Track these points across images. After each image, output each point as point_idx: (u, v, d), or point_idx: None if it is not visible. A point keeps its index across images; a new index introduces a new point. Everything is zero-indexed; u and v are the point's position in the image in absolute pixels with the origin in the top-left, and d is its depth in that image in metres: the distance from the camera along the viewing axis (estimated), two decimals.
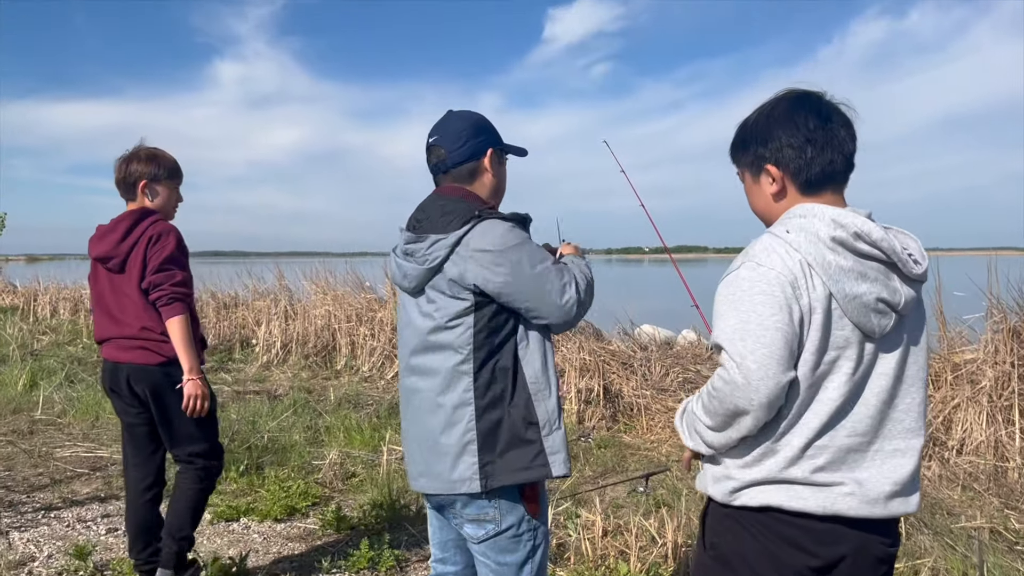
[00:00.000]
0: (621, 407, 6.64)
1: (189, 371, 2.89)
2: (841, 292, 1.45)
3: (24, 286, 16.36)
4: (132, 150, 3.07)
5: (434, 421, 1.97)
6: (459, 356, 1.92)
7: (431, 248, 1.92)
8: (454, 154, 2.04)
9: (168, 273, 2.88)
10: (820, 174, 1.56)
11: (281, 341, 9.69)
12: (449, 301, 1.92)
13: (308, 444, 5.57)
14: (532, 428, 1.93)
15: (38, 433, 5.92)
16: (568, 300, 1.92)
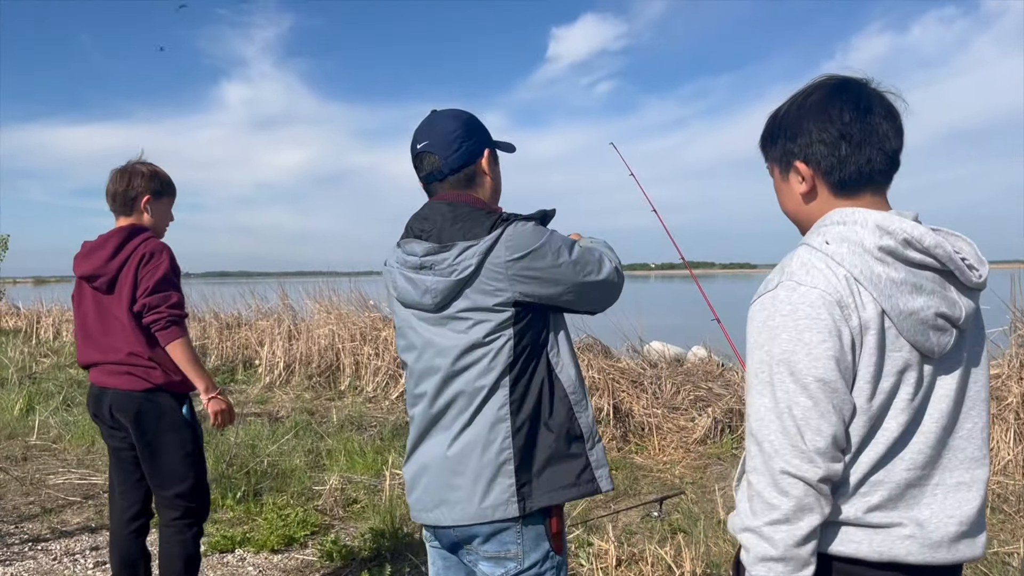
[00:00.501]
0: (632, 427, 6.44)
1: (206, 391, 2.79)
2: (895, 309, 1.26)
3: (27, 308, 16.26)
4: (132, 163, 2.90)
5: (461, 444, 1.80)
6: (495, 371, 1.76)
7: (460, 257, 1.75)
8: (449, 160, 1.88)
9: (164, 295, 2.71)
10: (856, 174, 1.36)
11: (284, 362, 9.53)
12: (485, 314, 1.76)
13: (309, 468, 5.39)
14: (576, 442, 1.79)
15: (32, 459, 5.75)
16: (607, 273, 1.83)
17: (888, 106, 1.37)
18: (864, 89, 1.38)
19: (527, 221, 1.79)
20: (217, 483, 4.77)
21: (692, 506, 4.62)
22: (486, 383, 1.76)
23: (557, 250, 1.74)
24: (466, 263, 1.74)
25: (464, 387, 1.79)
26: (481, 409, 1.77)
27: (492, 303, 1.74)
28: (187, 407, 2.85)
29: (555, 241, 1.76)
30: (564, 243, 1.78)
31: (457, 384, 1.80)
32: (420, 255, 1.83)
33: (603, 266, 1.81)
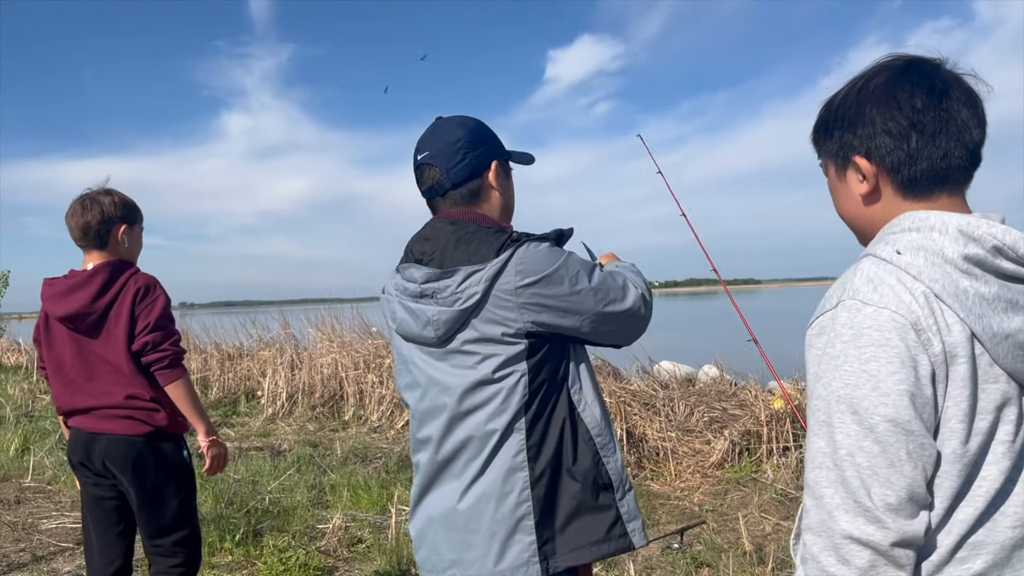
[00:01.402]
0: (646, 451, 6.21)
1: (206, 434, 2.65)
2: (987, 331, 1.04)
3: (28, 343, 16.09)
4: (96, 191, 2.67)
5: (473, 497, 1.59)
6: (508, 412, 1.55)
7: (464, 284, 1.55)
8: (452, 173, 1.68)
9: (165, 332, 2.54)
10: (929, 170, 1.14)
11: (287, 392, 9.32)
12: (494, 347, 1.55)
13: (312, 505, 5.17)
14: (605, 492, 1.58)
15: (25, 502, 5.54)
16: (634, 301, 1.63)
17: (968, 90, 1.15)
18: (939, 70, 1.17)
19: (540, 242, 1.59)
20: (215, 524, 4.55)
21: (714, 536, 4.39)
22: (498, 426, 1.56)
23: (575, 275, 1.54)
24: (471, 290, 1.54)
25: (474, 430, 1.59)
26: (494, 456, 1.57)
27: (501, 334, 1.55)
28: (186, 450, 2.68)
29: (572, 265, 1.56)
30: (583, 267, 1.58)
31: (466, 427, 1.60)
32: (420, 282, 1.63)
33: (627, 294, 1.61)
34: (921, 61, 1.19)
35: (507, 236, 1.58)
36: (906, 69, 1.18)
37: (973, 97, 1.16)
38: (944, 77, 1.16)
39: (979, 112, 1.16)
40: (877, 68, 1.21)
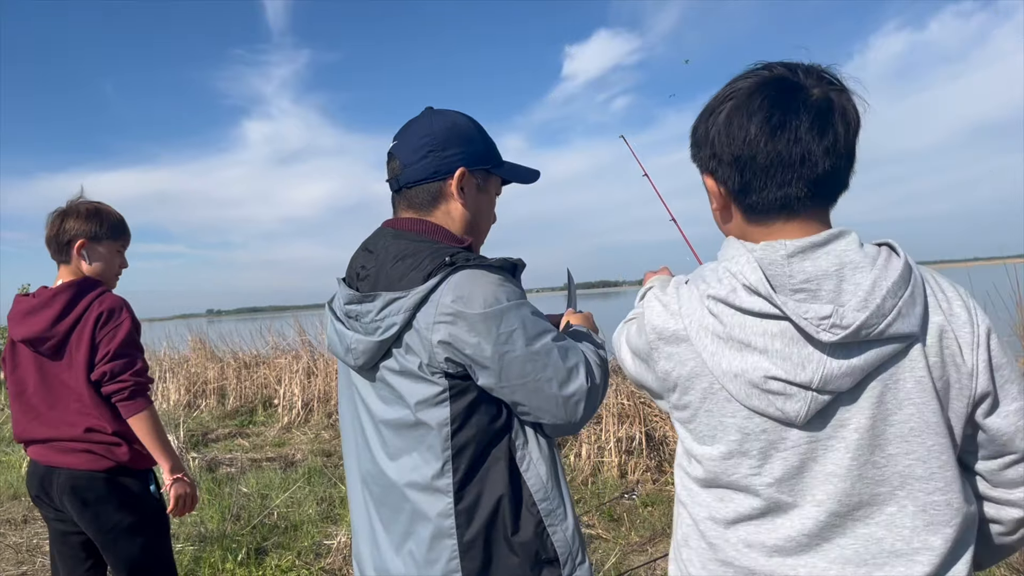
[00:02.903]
0: (666, 455, 5.98)
1: (171, 471, 2.38)
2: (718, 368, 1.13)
3: None
4: (69, 203, 2.52)
5: (399, 560, 1.38)
6: (432, 465, 1.33)
7: (384, 312, 1.34)
8: (408, 169, 1.48)
9: (127, 360, 2.33)
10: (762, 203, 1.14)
11: (302, 400, 9.20)
12: (413, 384, 1.34)
13: (320, 520, 5.01)
14: (550, 567, 1.34)
15: (31, 522, 5.45)
16: (574, 393, 1.33)
17: (821, 117, 1.10)
18: (788, 95, 1.11)
19: (483, 270, 1.32)
20: (219, 543, 4.41)
21: None
22: (418, 477, 1.33)
23: (509, 329, 1.28)
24: (390, 320, 1.32)
25: (397, 477, 1.37)
26: (417, 515, 1.35)
27: (418, 366, 1.31)
28: (155, 485, 2.46)
29: (514, 315, 1.29)
30: (526, 323, 1.31)
31: (390, 473, 1.39)
32: (345, 302, 1.43)
33: (570, 381, 1.32)
34: (772, 83, 1.13)
35: (441, 259, 1.33)
36: (752, 94, 1.13)
37: (826, 125, 1.10)
38: (789, 104, 1.10)
39: (832, 141, 1.10)
40: (732, 85, 1.17)
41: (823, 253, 1.09)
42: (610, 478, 5.63)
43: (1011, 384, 1.09)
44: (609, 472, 5.72)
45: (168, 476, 2.39)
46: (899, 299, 1.05)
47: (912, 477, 1.08)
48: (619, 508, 4.98)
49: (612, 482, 5.54)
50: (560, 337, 1.36)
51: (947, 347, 1.07)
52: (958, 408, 1.09)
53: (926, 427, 1.08)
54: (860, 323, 1.03)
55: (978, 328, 1.08)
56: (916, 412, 1.07)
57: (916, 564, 1.08)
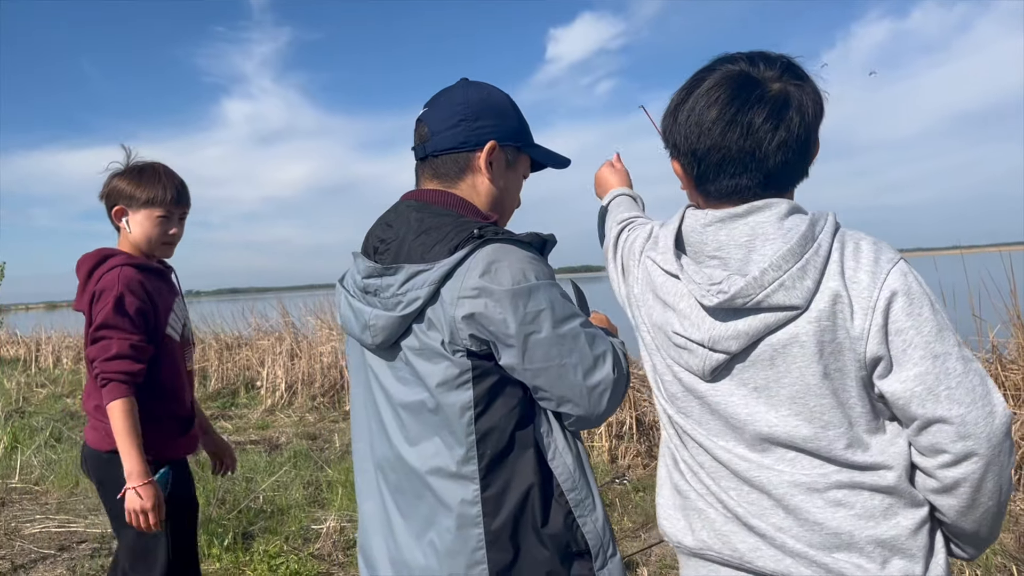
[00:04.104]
0: (656, 440, 5.95)
1: (129, 476, 2.10)
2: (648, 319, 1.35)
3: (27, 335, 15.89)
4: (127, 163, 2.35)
5: (419, 550, 1.30)
6: (456, 451, 1.26)
7: (406, 285, 1.26)
8: (439, 137, 1.40)
9: (101, 345, 2.14)
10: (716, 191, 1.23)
11: (286, 382, 9.08)
12: (433, 366, 1.26)
13: (308, 503, 4.93)
14: (580, 560, 1.27)
15: (10, 504, 5.31)
16: (600, 382, 1.26)
17: (779, 109, 1.15)
18: (745, 89, 1.16)
19: (513, 244, 1.25)
20: (204, 528, 4.31)
21: None
22: (443, 465, 1.26)
23: (537, 309, 1.21)
24: (413, 294, 1.24)
25: (417, 464, 1.29)
26: (441, 504, 1.27)
27: (441, 350, 1.24)
28: (163, 474, 2.24)
29: (541, 297, 1.22)
30: (555, 306, 1.23)
31: (409, 459, 1.31)
32: (363, 276, 1.35)
33: (599, 367, 1.26)
34: (732, 78, 1.17)
35: (469, 232, 1.26)
36: (711, 88, 1.18)
37: (780, 120, 1.15)
38: (746, 99, 1.15)
39: (786, 136, 1.15)
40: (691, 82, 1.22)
41: (740, 224, 1.17)
42: (600, 463, 5.58)
43: (914, 349, 1.08)
44: (600, 457, 5.68)
45: (127, 481, 2.11)
46: (783, 272, 1.10)
47: (798, 437, 1.15)
48: (611, 493, 4.94)
49: (603, 467, 5.50)
50: (588, 324, 1.29)
51: (839, 312, 1.10)
52: (850, 371, 1.12)
53: (807, 390, 1.13)
54: (735, 291, 1.12)
55: (878, 293, 1.09)
56: (800, 376, 1.13)
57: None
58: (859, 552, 1.12)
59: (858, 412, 1.14)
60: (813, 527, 1.14)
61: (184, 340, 2.37)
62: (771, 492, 1.17)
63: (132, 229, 2.30)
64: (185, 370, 2.35)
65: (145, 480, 2.10)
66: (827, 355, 1.12)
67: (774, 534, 1.17)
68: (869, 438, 1.14)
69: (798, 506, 1.15)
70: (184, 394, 2.32)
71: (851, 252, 1.13)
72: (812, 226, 1.14)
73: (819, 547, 1.14)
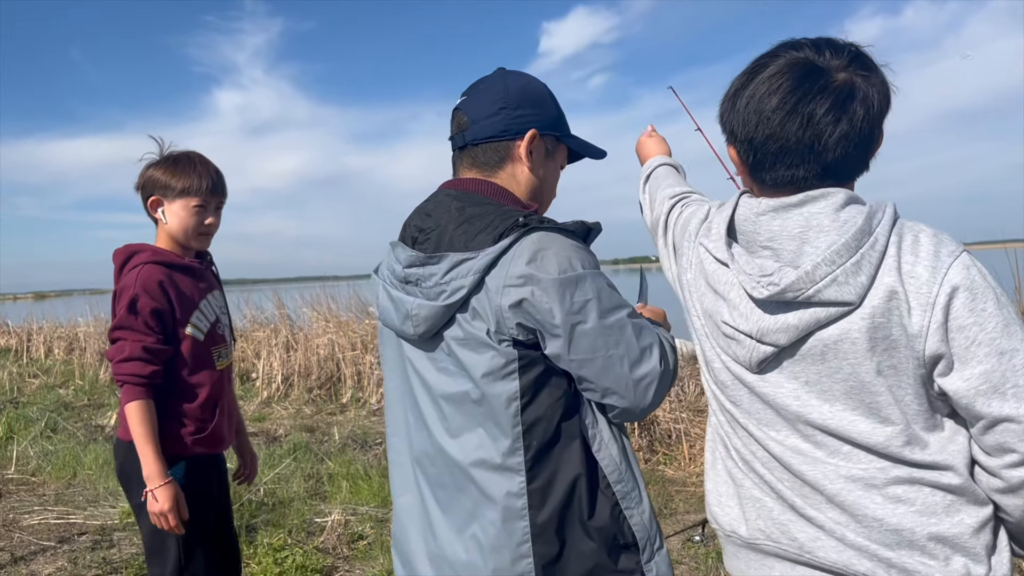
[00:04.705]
0: (657, 434, 5.95)
1: (147, 479, 2.06)
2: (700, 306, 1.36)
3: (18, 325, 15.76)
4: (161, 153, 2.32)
5: (460, 545, 1.28)
6: (501, 443, 1.23)
7: (450, 274, 1.24)
8: (479, 125, 1.37)
9: (117, 346, 2.11)
10: (772, 180, 1.20)
11: (282, 374, 9.04)
12: (478, 357, 1.23)
13: (309, 496, 4.90)
14: (628, 552, 1.25)
15: (7, 496, 5.26)
16: (646, 375, 1.24)
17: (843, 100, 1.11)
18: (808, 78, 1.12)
19: (559, 232, 1.23)
20: None
21: None
22: (487, 457, 1.24)
23: (584, 299, 1.19)
24: (457, 283, 1.22)
25: (460, 456, 1.27)
26: (485, 496, 1.25)
27: (486, 339, 1.22)
28: (181, 468, 2.19)
29: (588, 286, 1.20)
30: (602, 296, 1.21)
31: (451, 451, 1.29)
32: (404, 265, 1.33)
33: (645, 359, 1.24)
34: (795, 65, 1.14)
35: (513, 220, 1.24)
36: (773, 75, 1.15)
37: (843, 111, 1.11)
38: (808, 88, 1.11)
39: (848, 128, 1.12)
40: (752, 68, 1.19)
41: (794, 214, 1.14)
42: None
43: (978, 346, 1.05)
44: None
45: (147, 484, 2.09)
46: (836, 267, 1.07)
47: (854, 431, 1.12)
48: None
49: None
50: (635, 314, 1.27)
51: (895, 309, 1.07)
52: (906, 368, 1.09)
53: (862, 386, 1.11)
54: (786, 285, 1.10)
55: (937, 289, 1.06)
56: (853, 372, 1.10)
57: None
58: (920, 549, 1.10)
59: (914, 410, 1.11)
60: (872, 523, 1.12)
61: (213, 337, 2.30)
62: (825, 488, 1.15)
63: (168, 220, 2.26)
64: (213, 368, 2.28)
65: (162, 482, 2.07)
66: (880, 352, 1.09)
67: (833, 527, 1.15)
68: (927, 435, 1.12)
69: (855, 502, 1.13)
70: (205, 392, 2.25)
71: (909, 246, 1.10)
72: (869, 219, 1.10)
73: (879, 543, 1.12)
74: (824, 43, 1.15)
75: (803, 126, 1.12)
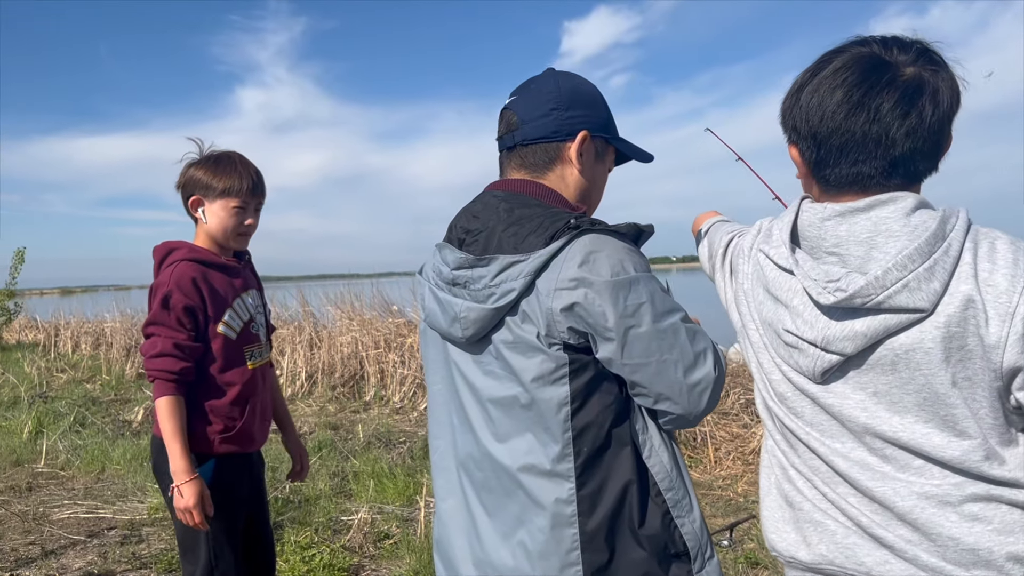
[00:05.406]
0: (683, 437, 5.91)
1: (174, 474, 2.09)
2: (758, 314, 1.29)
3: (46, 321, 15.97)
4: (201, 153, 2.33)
5: (506, 551, 1.26)
6: (551, 448, 1.21)
7: (500, 277, 1.21)
8: (530, 125, 1.35)
9: (150, 342, 2.15)
10: (835, 177, 1.17)
11: (306, 371, 9.09)
12: (528, 360, 1.21)
13: (334, 494, 4.91)
14: (679, 562, 1.23)
15: (37, 490, 5.33)
16: (701, 380, 1.20)
17: (911, 95, 1.08)
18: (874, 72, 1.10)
19: (611, 235, 1.21)
20: None
21: None
22: (536, 462, 1.22)
23: (637, 302, 1.16)
24: (508, 286, 1.20)
25: (508, 461, 1.25)
26: (535, 501, 1.22)
27: (536, 343, 1.19)
28: (211, 466, 2.20)
29: (641, 289, 1.17)
30: (655, 300, 1.18)
31: (499, 456, 1.27)
32: (452, 267, 1.30)
33: (700, 364, 1.21)
34: (861, 60, 1.12)
35: (564, 221, 1.22)
36: (838, 70, 1.13)
37: (911, 106, 1.08)
38: (875, 82, 1.09)
39: (916, 122, 1.09)
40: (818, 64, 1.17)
41: (862, 219, 1.11)
42: None
43: None
44: None
45: (175, 479, 2.11)
46: (908, 272, 1.04)
47: (928, 445, 1.09)
48: None
49: None
50: (688, 318, 1.24)
51: (971, 318, 1.04)
52: (981, 381, 1.06)
53: (936, 399, 1.07)
54: (854, 290, 1.07)
55: (1018, 298, 1.02)
56: (926, 383, 1.07)
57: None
58: (998, 570, 1.06)
59: (989, 423, 1.08)
60: (947, 542, 1.08)
61: (246, 336, 2.30)
62: (896, 505, 1.11)
63: (208, 219, 2.27)
64: (245, 367, 2.28)
65: (188, 478, 2.09)
66: (955, 363, 1.05)
67: (904, 546, 1.11)
68: (1003, 451, 1.08)
69: (929, 520, 1.09)
70: (235, 391, 2.25)
71: (986, 253, 1.06)
72: (943, 224, 1.07)
73: (955, 563, 1.08)
74: (891, 39, 1.13)
75: (869, 120, 1.09)
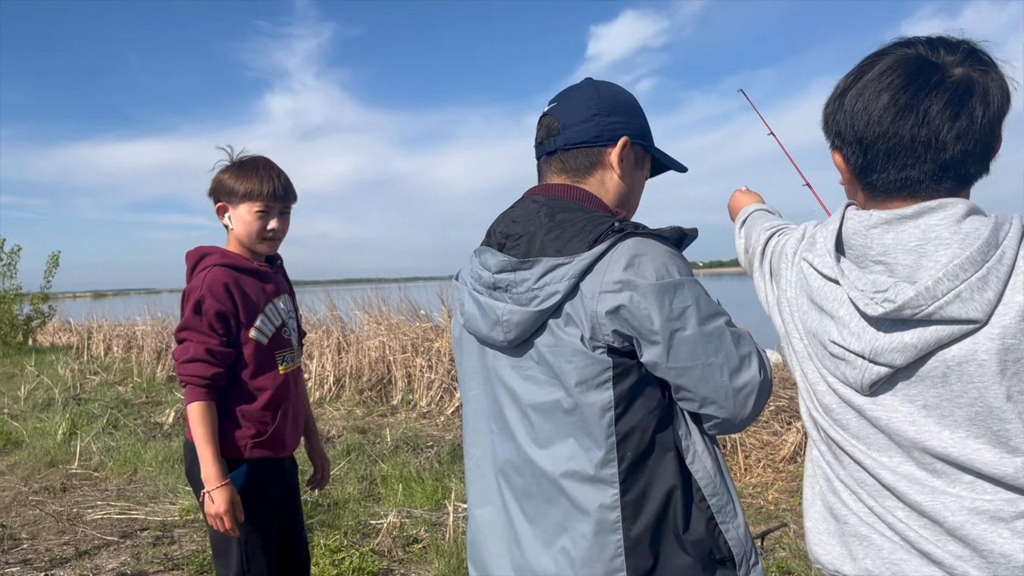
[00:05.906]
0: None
1: (205, 480, 2.10)
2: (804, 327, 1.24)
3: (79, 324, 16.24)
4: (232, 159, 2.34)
5: (549, 557, 1.25)
6: (594, 453, 1.20)
7: (543, 279, 1.21)
8: (572, 130, 1.35)
9: (182, 347, 2.16)
10: (882, 183, 1.14)
11: (334, 375, 9.14)
12: (571, 365, 1.20)
13: (363, 498, 4.93)
14: (724, 568, 1.21)
15: (71, 491, 5.40)
16: (746, 384, 1.20)
17: (960, 96, 1.05)
18: (921, 74, 1.07)
19: (654, 239, 1.20)
20: None
21: (798, 541, 4.03)
22: (579, 468, 1.21)
23: (683, 310, 1.15)
24: (551, 288, 1.19)
25: (550, 467, 1.24)
26: (577, 507, 1.21)
27: (580, 347, 1.19)
28: (243, 471, 2.20)
29: (686, 293, 1.16)
30: (700, 303, 1.18)
31: (540, 462, 1.25)
32: (494, 271, 1.30)
33: (745, 368, 1.20)
34: (907, 61, 1.09)
35: (608, 225, 1.21)
36: (883, 72, 1.10)
37: (961, 107, 1.05)
38: (922, 85, 1.06)
39: (967, 124, 1.06)
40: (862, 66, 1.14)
41: (910, 226, 1.08)
42: None
43: None
44: None
45: (206, 485, 2.12)
46: (960, 282, 1.01)
47: (980, 461, 1.05)
48: None
49: None
50: (732, 323, 1.23)
51: None
52: None
53: (989, 413, 1.04)
54: (904, 301, 1.03)
55: None
56: (979, 396, 1.04)
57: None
58: None
59: None
60: (998, 559, 1.05)
61: (278, 341, 2.31)
62: (945, 520, 1.08)
63: (233, 224, 2.28)
64: (277, 372, 2.28)
65: (219, 484, 2.09)
66: (1010, 376, 1.01)
67: (953, 563, 1.08)
68: None
69: (980, 536, 1.06)
70: (267, 396, 2.25)
71: None
72: (996, 231, 1.03)
73: None
74: (937, 40, 1.10)
75: (918, 123, 1.06)
